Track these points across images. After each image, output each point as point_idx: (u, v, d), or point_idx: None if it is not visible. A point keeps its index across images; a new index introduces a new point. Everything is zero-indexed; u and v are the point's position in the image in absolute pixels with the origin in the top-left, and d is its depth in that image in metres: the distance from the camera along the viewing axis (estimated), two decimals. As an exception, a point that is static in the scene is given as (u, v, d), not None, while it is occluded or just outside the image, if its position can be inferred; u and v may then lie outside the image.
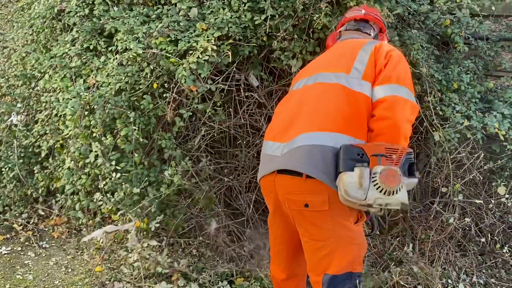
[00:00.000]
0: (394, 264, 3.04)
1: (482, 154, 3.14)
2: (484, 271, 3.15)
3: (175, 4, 2.93)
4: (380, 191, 1.53)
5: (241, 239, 3.09)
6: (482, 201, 3.17)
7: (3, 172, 3.38)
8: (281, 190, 1.77)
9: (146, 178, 2.69)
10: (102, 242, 2.92)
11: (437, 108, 3.16)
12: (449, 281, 2.97)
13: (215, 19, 2.74)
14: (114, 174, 2.63)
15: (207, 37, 2.61)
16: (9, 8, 4.64)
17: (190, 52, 2.66)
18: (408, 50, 3.12)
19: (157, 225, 2.64)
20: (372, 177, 1.55)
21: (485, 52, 3.54)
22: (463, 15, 3.41)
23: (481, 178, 3.19)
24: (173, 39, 2.74)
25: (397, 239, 3.22)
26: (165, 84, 2.76)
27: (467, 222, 3.09)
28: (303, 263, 1.89)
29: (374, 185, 1.54)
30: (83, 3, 3.16)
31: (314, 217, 1.70)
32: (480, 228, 3.27)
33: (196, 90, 2.62)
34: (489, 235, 3.24)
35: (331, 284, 1.69)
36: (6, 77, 3.86)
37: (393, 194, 1.54)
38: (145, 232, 2.70)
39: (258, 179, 1.95)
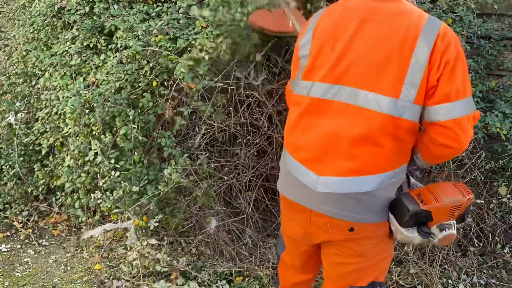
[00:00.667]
0: (394, 264, 3.03)
1: (484, 154, 3.12)
2: (484, 271, 3.13)
3: (175, 1, 2.92)
4: (432, 244, 1.57)
5: (240, 238, 3.09)
6: (483, 201, 3.15)
7: (3, 170, 3.38)
8: (321, 221, 1.60)
9: (145, 177, 2.69)
10: (101, 240, 2.92)
11: (438, 107, 3.14)
12: (449, 281, 2.95)
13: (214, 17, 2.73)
14: (113, 172, 2.62)
15: (206, 34, 2.60)
16: (10, 6, 4.65)
17: (189, 49, 2.66)
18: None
19: (156, 224, 2.64)
20: (431, 238, 1.53)
21: (487, 51, 3.51)
22: (465, 13, 3.39)
23: (482, 178, 3.17)
24: (172, 36, 2.73)
25: (398, 238, 3.21)
26: (165, 83, 2.75)
27: (468, 222, 3.07)
28: (319, 266, 1.89)
29: (430, 241, 1.55)
30: (84, 1, 3.16)
31: (357, 240, 1.59)
32: (481, 228, 3.25)
33: (195, 87, 2.61)
34: (490, 235, 3.22)
35: None
36: (7, 75, 3.86)
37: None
38: (144, 231, 2.70)
39: (281, 192, 1.74)
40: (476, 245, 3.13)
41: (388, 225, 1.59)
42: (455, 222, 1.53)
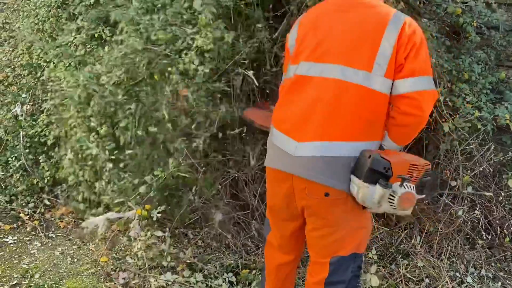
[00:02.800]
0: (401, 256, 3.01)
1: (493, 146, 3.09)
2: (493, 264, 3.11)
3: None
4: (393, 208, 1.63)
5: (246, 231, 3.08)
6: (492, 194, 3.12)
7: (9, 162, 3.39)
8: (300, 184, 1.76)
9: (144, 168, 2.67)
10: (104, 230, 2.90)
11: (446, 99, 3.10)
12: (457, 274, 2.93)
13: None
14: (110, 165, 2.61)
15: (205, 34, 2.56)
16: (15, -3, 4.63)
17: (185, 52, 2.61)
18: (418, 40, 3.06)
19: (159, 215, 2.63)
20: (390, 197, 1.62)
21: (497, 42, 3.46)
22: (475, 3, 3.34)
23: (491, 170, 3.14)
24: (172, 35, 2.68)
25: (405, 231, 3.18)
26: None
27: (476, 215, 3.05)
28: (302, 245, 2.04)
29: (390, 204, 1.63)
30: (88, -8, 3.13)
31: (332, 204, 1.75)
32: (490, 221, 3.22)
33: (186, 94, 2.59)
34: (498, 228, 3.19)
35: (338, 264, 1.80)
36: (12, 67, 3.86)
37: (403, 210, 1.65)
38: (148, 221, 2.68)
39: (266, 165, 1.92)
40: (484, 238, 3.10)
41: None
42: (414, 186, 1.65)
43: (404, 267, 2.88)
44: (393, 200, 1.61)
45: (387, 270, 2.90)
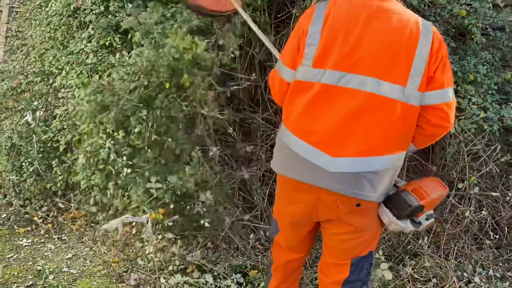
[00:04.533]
0: (408, 257, 3.03)
1: (499, 147, 3.10)
2: (500, 264, 3.12)
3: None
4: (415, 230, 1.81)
5: (255, 232, 3.12)
6: (498, 194, 3.13)
7: (23, 167, 3.47)
8: (330, 200, 1.75)
9: (160, 174, 2.72)
10: (118, 232, 2.96)
11: (452, 100, 3.12)
12: (465, 274, 2.95)
13: None
14: (126, 170, 2.66)
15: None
16: (27, 6, 4.73)
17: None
18: (422, 42, 3.09)
19: (171, 223, 2.68)
20: (416, 223, 1.77)
21: (503, 43, 3.47)
22: (480, 5, 3.35)
23: (498, 171, 3.15)
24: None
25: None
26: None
27: (484, 215, 3.06)
28: (312, 243, 2.07)
29: (414, 227, 1.79)
30: (99, 0, 3.20)
31: (361, 214, 1.78)
32: (497, 221, 3.23)
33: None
34: (506, 228, 3.20)
35: (357, 264, 1.85)
36: (25, 74, 3.94)
37: None
38: (160, 225, 2.74)
39: (282, 174, 1.85)
40: (492, 238, 3.11)
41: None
42: (434, 213, 1.82)
43: (411, 267, 2.90)
44: (418, 228, 1.78)
45: (394, 270, 2.92)
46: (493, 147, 3.10)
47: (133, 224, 2.86)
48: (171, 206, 2.69)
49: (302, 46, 1.75)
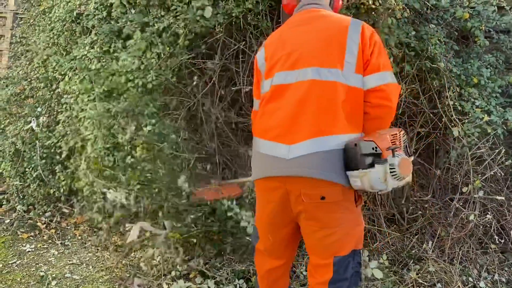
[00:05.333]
0: (413, 261, 3.01)
1: (503, 150, 3.08)
2: (506, 269, 3.09)
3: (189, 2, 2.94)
4: (398, 179, 1.72)
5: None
6: (503, 198, 3.10)
7: (26, 172, 3.48)
8: (295, 187, 1.82)
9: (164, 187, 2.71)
10: (133, 237, 2.94)
11: (456, 104, 3.11)
12: (470, 279, 2.92)
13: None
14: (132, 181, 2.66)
15: None
16: (31, 12, 4.76)
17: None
18: (425, 45, 3.08)
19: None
20: (391, 170, 1.71)
21: (506, 45, 3.46)
22: (482, 8, 3.34)
23: (502, 174, 3.12)
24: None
25: (416, 236, 3.19)
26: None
27: (488, 219, 3.03)
28: (294, 250, 2.10)
29: (393, 176, 1.72)
30: (101, 6, 3.22)
31: (329, 207, 1.81)
32: (502, 225, 3.21)
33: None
34: (511, 232, 3.17)
35: (341, 263, 1.85)
36: (29, 80, 3.97)
37: (405, 178, 1.75)
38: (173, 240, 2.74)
39: (255, 178, 1.97)
40: (497, 242, 3.08)
41: (352, 193, 1.83)
42: (403, 152, 1.79)
43: (415, 272, 2.88)
44: (394, 171, 1.71)
45: (399, 275, 2.90)
46: (497, 151, 3.08)
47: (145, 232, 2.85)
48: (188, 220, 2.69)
49: (258, 73, 2.06)
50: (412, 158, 1.86)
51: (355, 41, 1.81)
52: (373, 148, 1.71)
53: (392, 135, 1.78)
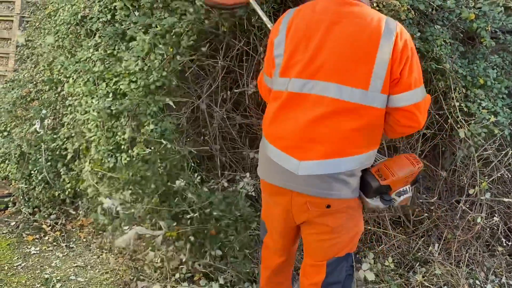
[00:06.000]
0: (419, 264, 2.98)
1: (510, 151, 3.05)
2: (514, 272, 3.05)
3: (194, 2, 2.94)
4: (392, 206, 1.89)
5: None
6: (511, 200, 3.08)
7: (32, 175, 3.49)
8: (301, 198, 1.80)
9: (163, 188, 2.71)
10: (131, 245, 2.95)
11: (462, 105, 3.08)
12: (477, 282, 2.89)
13: None
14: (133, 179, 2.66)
15: None
16: (37, 15, 4.79)
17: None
18: (430, 46, 3.06)
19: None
20: (387, 201, 1.82)
21: (513, 46, 3.42)
22: (489, 9, 3.31)
23: (510, 176, 3.09)
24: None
25: (422, 238, 3.16)
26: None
27: (495, 221, 3.00)
28: (296, 244, 2.12)
29: (392, 205, 1.87)
30: (105, 9, 3.23)
31: (333, 214, 1.80)
32: (509, 228, 3.17)
33: None
34: (519, 235, 3.14)
35: (334, 265, 1.86)
36: (34, 83, 3.99)
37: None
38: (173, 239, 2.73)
39: (262, 178, 1.94)
40: (504, 244, 3.05)
41: (357, 201, 1.84)
42: (409, 185, 1.86)
43: (421, 275, 2.85)
44: (394, 203, 1.85)
45: (404, 278, 2.87)
46: (504, 152, 3.05)
47: (145, 235, 2.85)
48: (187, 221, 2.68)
49: (272, 57, 1.87)
50: (416, 184, 1.97)
51: (385, 56, 1.64)
52: (386, 189, 1.80)
53: (409, 176, 1.82)
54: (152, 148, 2.67)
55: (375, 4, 2.81)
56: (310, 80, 1.72)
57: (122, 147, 2.75)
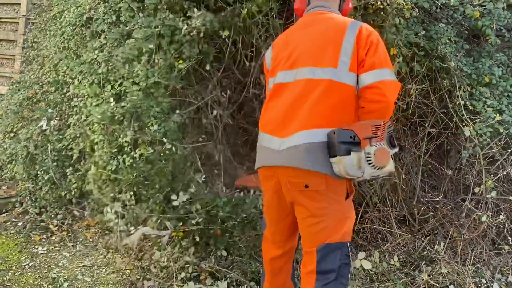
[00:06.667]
0: (424, 263, 2.98)
1: (516, 150, 3.04)
2: (520, 270, 3.04)
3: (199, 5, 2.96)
4: (374, 167, 1.80)
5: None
6: (517, 198, 3.06)
7: (38, 175, 3.52)
8: (283, 176, 1.94)
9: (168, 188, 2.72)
10: (137, 245, 2.98)
11: (467, 103, 3.08)
12: (483, 280, 2.88)
13: None
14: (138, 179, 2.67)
15: None
16: (42, 17, 4.82)
17: None
18: (435, 45, 3.06)
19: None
20: (367, 158, 1.80)
21: (518, 43, 3.41)
22: (493, 7, 3.30)
23: (516, 174, 3.08)
24: None
25: (428, 237, 3.15)
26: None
27: (501, 219, 2.99)
28: (295, 239, 2.19)
29: (370, 164, 1.80)
30: (110, 10, 3.25)
31: (313, 195, 1.90)
32: (516, 226, 3.16)
33: None
34: (525, 233, 3.12)
35: (325, 251, 1.91)
36: (40, 84, 4.02)
37: (384, 167, 1.82)
38: (179, 239, 2.74)
39: (256, 167, 2.11)
40: (511, 243, 3.03)
41: (338, 185, 1.90)
42: (384, 143, 1.84)
43: (427, 274, 2.85)
44: (370, 159, 1.79)
45: (410, 277, 2.87)
46: (510, 150, 3.04)
47: (151, 235, 2.87)
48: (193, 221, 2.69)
49: (267, 69, 2.20)
50: (395, 149, 1.89)
51: (350, 42, 1.89)
52: (351, 137, 1.80)
53: (375, 125, 1.84)
54: (156, 148, 2.68)
55: (379, 2, 2.80)
56: (290, 70, 2.00)
57: (125, 148, 2.77)
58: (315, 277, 1.92)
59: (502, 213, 3.05)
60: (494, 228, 3.06)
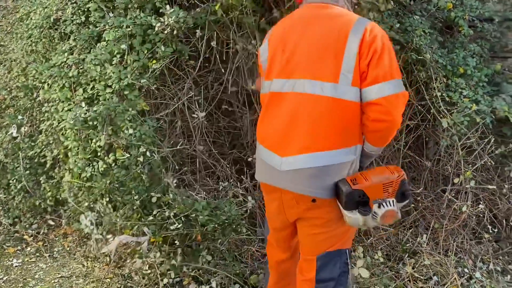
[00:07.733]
0: (408, 256, 2.99)
1: (493, 139, 3.07)
2: (501, 257, 3.08)
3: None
4: (379, 223, 1.74)
5: (252, 241, 3.06)
6: (495, 187, 3.10)
7: (10, 184, 3.38)
8: (289, 195, 1.85)
9: (145, 194, 2.65)
10: (116, 253, 2.89)
11: (443, 94, 3.09)
12: (465, 270, 2.91)
13: None
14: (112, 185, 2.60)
15: None
16: (8, 19, 4.64)
17: None
18: (410, 37, 3.06)
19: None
20: (373, 217, 1.72)
21: (490, 33, 3.45)
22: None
23: (493, 163, 3.12)
24: None
25: (410, 230, 3.17)
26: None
27: (481, 208, 3.02)
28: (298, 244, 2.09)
29: (375, 221, 1.74)
30: (79, 11, 3.14)
31: (320, 210, 1.82)
32: (495, 214, 3.20)
33: None
34: (504, 221, 3.17)
35: (324, 260, 1.87)
36: (9, 89, 3.86)
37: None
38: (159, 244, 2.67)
39: (258, 180, 2.03)
40: (491, 231, 3.07)
41: None
42: (394, 200, 1.73)
43: (411, 266, 2.86)
44: (376, 219, 1.71)
45: (395, 270, 2.88)
46: (486, 140, 3.07)
47: (130, 242, 2.78)
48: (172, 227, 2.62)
49: (260, 65, 2.01)
50: (405, 202, 1.79)
51: (353, 52, 1.68)
52: (359, 197, 1.69)
53: (387, 183, 1.72)
54: (131, 153, 2.60)
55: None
56: (288, 79, 1.81)
57: (99, 154, 2.68)
58: (314, 286, 1.88)
59: (481, 202, 3.09)
60: (474, 217, 3.09)
